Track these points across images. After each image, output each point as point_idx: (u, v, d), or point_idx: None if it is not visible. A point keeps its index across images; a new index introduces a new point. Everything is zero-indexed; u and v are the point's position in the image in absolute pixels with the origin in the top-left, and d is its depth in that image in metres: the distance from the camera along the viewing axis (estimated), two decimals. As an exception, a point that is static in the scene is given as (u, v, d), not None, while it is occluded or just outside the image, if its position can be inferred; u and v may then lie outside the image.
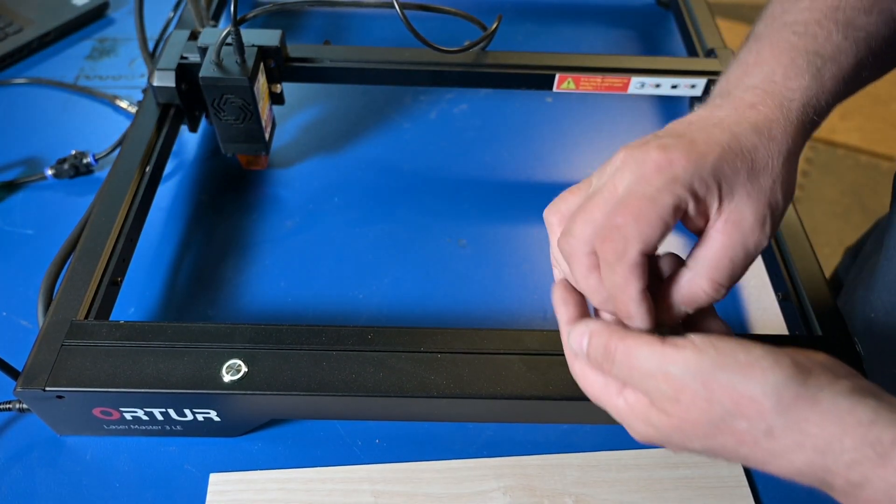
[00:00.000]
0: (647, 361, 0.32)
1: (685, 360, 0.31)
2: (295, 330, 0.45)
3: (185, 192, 0.64)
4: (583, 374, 0.36)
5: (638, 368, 0.32)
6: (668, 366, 0.31)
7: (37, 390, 0.41)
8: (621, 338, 0.33)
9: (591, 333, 0.34)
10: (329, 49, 0.63)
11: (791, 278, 0.52)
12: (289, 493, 0.44)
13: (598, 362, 0.34)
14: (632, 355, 0.32)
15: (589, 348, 0.34)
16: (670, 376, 0.31)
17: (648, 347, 0.32)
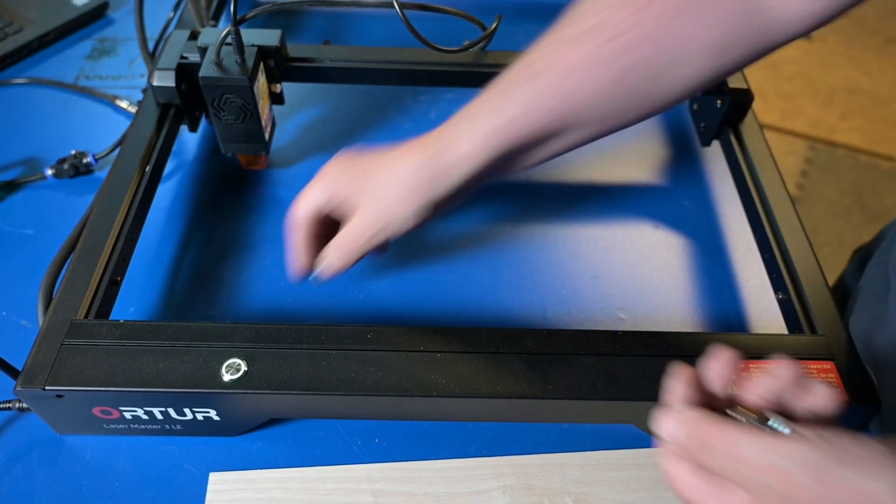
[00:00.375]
0: (755, 453, 0.29)
1: (799, 453, 0.29)
2: (295, 329, 0.45)
3: (185, 192, 0.64)
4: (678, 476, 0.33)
5: (744, 461, 0.30)
6: (778, 458, 0.29)
7: (37, 389, 0.41)
8: (720, 426, 0.31)
9: (687, 421, 0.32)
10: (329, 49, 0.63)
11: (791, 278, 0.52)
12: (288, 492, 0.44)
13: (694, 454, 0.32)
14: (735, 445, 0.30)
15: (686, 438, 0.32)
16: (781, 470, 0.29)
17: (754, 437, 0.30)
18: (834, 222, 1.78)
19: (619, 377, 0.43)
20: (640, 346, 0.45)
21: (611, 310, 0.56)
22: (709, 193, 0.66)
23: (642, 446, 0.47)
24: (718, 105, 0.63)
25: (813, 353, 0.45)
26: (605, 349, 0.45)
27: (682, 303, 0.57)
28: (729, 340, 0.45)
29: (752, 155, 0.60)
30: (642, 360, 0.44)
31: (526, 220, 0.62)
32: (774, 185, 0.58)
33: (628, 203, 0.64)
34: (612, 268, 0.59)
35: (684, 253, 0.61)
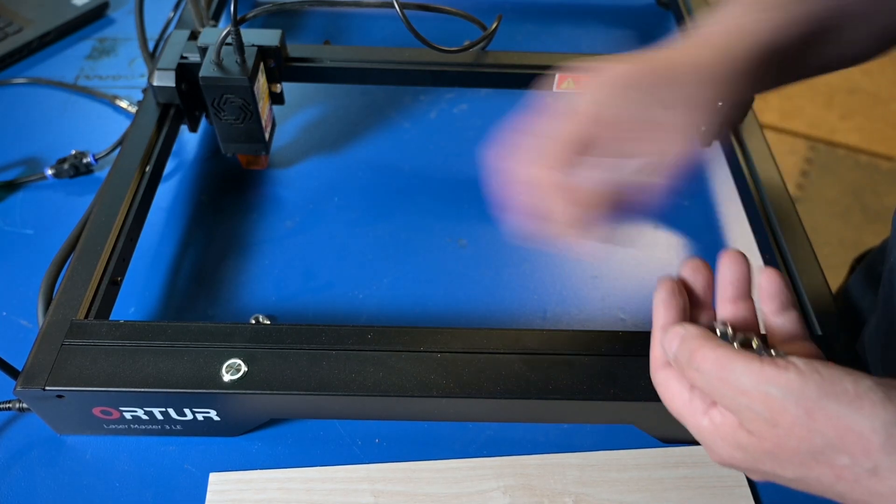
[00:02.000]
0: (744, 377, 0.30)
1: (788, 381, 0.29)
2: (295, 329, 0.45)
3: (185, 192, 0.64)
4: (666, 385, 0.35)
5: (731, 383, 0.30)
6: (767, 385, 0.29)
7: (37, 390, 0.41)
8: (714, 347, 0.31)
9: (683, 337, 0.33)
10: (329, 49, 0.63)
11: (791, 278, 0.52)
12: (288, 492, 0.44)
13: (681, 366, 0.33)
14: (725, 367, 0.31)
15: (677, 350, 0.33)
16: (769, 397, 0.29)
17: (745, 362, 0.30)
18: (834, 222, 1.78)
19: (619, 377, 0.43)
20: (640, 346, 0.45)
21: (611, 310, 0.56)
22: (709, 193, 0.66)
23: (642, 446, 0.47)
24: (718, 105, 0.62)
25: (813, 353, 0.45)
26: (605, 349, 0.45)
27: (682, 303, 0.57)
28: (729, 341, 0.45)
29: (752, 155, 0.60)
30: (642, 360, 0.44)
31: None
32: (774, 185, 0.58)
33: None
34: (612, 268, 0.59)
35: (684, 253, 0.61)
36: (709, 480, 0.46)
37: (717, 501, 0.45)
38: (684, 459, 0.47)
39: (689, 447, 0.47)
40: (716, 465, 0.46)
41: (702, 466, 0.46)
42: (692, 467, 0.46)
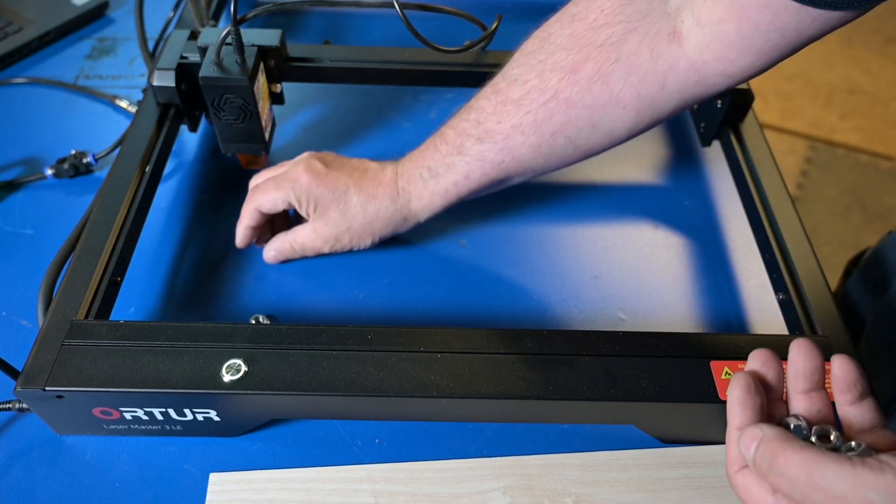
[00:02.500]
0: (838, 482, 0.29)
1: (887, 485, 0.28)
2: (295, 330, 0.45)
3: (185, 192, 0.64)
4: (746, 488, 0.34)
5: (823, 489, 0.29)
6: (866, 491, 0.28)
7: (37, 390, 0.41)
8: (798, 449, 0.30)
9: (761, 439, 0.32)
10: (329, 49, 0.63)
11: (791, 278, 0.52)
12: (289, 492, 0.44)
13: (762, 470, 0.32)
14: (814, 472, 0.29)
15: (755, 454, 0.32)
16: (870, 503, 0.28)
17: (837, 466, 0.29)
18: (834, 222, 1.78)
19: (619, 377, 0.43)
20: (640, 346, 0.45)
21: (611, 310, 0.56)
22: (709, 193, 0.66)
23: (642, 447, 0.47)
24: (718, 105, 0.63)
25: (813, 353, 0.45)
26: (605, 349, 0.45)
27: (682, 303, 0.57)
28: (729, 340, 0.45)
29: (752, 155, 0.60)
30: (642, 360, 0.44)
31: (526, 220, 0.62)
32: (774, 185, 0.58)
33: (628, 203, 0.64)
34: (612, 268, 0.59)
35: (684, 253, 0.61)
36: (709, 480, 0.46)
37: (718, 501, 0.45)
38: (684, 459, 0.47)
39: (689, 447, 0.47)
40: (717, 466, 0.46)
41: (702, 466, 0.46)
42: (692, 467, 0.46)
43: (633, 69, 0.42)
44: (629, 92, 0.43)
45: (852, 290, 0.67)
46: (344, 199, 0.51)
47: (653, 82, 0.42)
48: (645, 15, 0.41)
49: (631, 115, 0.44)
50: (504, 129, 0.47)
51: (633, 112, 0.44)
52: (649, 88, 0.43)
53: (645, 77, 0.42)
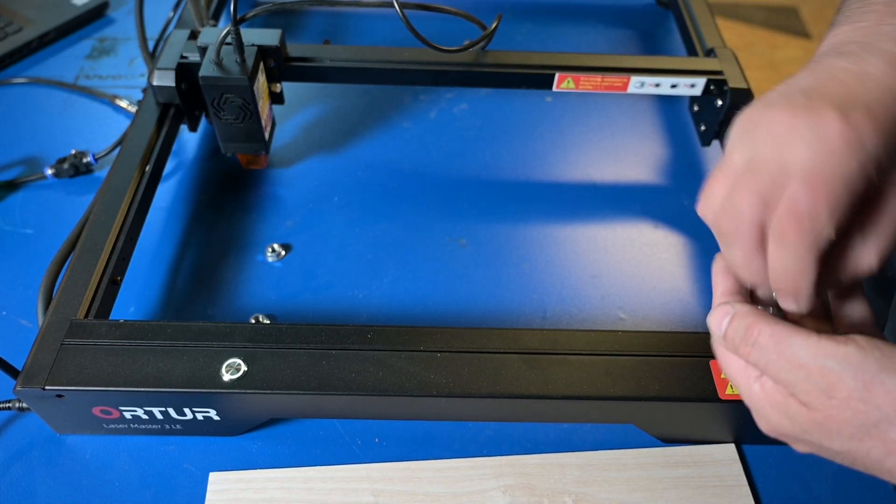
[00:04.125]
0: (802, 351, 0.30)
1: (847, 355, 0.29)
2: (294, 329, 0.45)
3: (184, 192, 0.64)
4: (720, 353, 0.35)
5: (787, 357, 0.30)
6: (825, 359, 0.29)
7: (36, 389, 0.41)
8: (769, 323, 0.32)
9: (734, 314, 0.33)
10: (329, 49, 0.63)
11: (791, 278, 0.52)
12: (288, 492, 0.44)
13: (734, 344, 0.33)
14: (782, 342, 0.31)
15: (728, 329, 0.33)
16: (827, 370, 0.29)
17: (803, 337, 0.30)
18: (834, 222, 1.78)
19: (619, 377, 0.43)
20: (640, 346, 0.45)
21: (611, 310, 0.56)
22: (709, 193, 0.66)
23: (642, 446, 0.47)
24: (718, 105, 0.63)
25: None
26: (605, 349, 0.45)
27: (682, 303, 0.57)
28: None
29: (752, 155, 0.60)
30: (642, 360, 0.44)
31: (526, 220, 0.62)
32: (774, 184, 0.57)
33: (628, 203, 0.64)
34: (612, 268, 0.59)
35: (684, 253, 0.61)
36: (709, 480, 0.46)
37: (717, 501, 0.45)
38: (684, 459, 0.47)
39: (689, 447, 0.47)
40: (716, 465, 0.46)
41: (702, 466, 0.46)
42: (692, 467, 0.46)
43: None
44: None
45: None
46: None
47: None
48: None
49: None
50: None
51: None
52: None
53: None
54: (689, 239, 0.62)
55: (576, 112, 0.73)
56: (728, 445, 0.47)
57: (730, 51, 0.66)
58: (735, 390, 0.41)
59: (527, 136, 0.70)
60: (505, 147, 0.69)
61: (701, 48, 0.69)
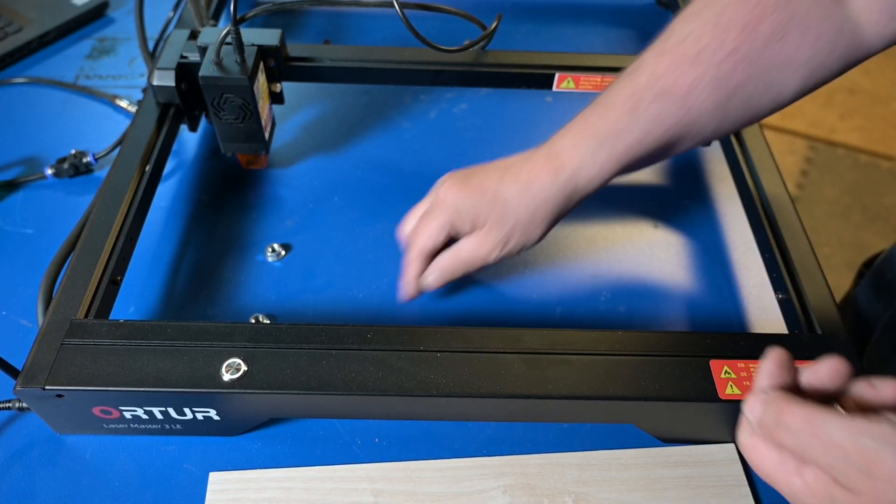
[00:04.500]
0: (837, 431, 0.30)
1: (882, 433, 0.29)
2: (294, 329, 0.45)
3: (184, 192, 0.64)
4: (753, 447, 0.35)
5: (823, 438, 0.30)
6: (861, 437, 0.29)
7: (36, 389, 0.41)
8: (801, 405, 0.32)
9: (766, 400, 0.34)
10: (329, 49, 0.63)
11: (791, 278, 0.52)
12: (288, 491, 0.44)
13: (769, 430, 0.33)
14: (816, 424, 0.31)
15: (763, 415, 0.33)
16: (864, 449, 0.29)
17: (837, 417, 0.30)
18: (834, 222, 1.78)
19: (619, 377, 0.43)
20: (640, 346, 0.45)
21: (611, 310, 0.56)
22: (709, 193, 0.66)
23: (642, 446, 0.47)
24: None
25: (813, 352, 0.45)
26: (605, 349, 0.45)
27: (682, 303, 0.57)
28: (729, 340, 0.45)
29: (752, 155, 0.60)
30: (642, 360, 0.44)
31: (526, 220, 0.62)
32: (774, 185, 0.58)
33: (628, 203, 0.64)
34: (612, 268, 0.59)
35: (684, 253, 0.61)
36: (709, 480, 0.46)
37: (717, 501, 0.45)
38: (684, 459, 0.47)
39: (688, 447, 0.47)
40: (716, 465, 0.46)
41: (702, 466, 0.46)
42: (692, 467, 0.46)
43: (808, 30, 0.42)
44: (803, 53, 0.42)
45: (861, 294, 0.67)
46: (498, 197, 0.46)
47: (824, 45, 0.42)
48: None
49: (800, 78, 0.44)
50: (684, 86, 0.44)
51: (804, 75, 0.43)
52: (821, 51, 0.42)
53: (818, 39, 0.42)
54: (689, 239, 0.62)
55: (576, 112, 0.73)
56: (728, 445, 0.47)
57: (730, 51, 0.66)
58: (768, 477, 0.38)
59: (527, 136, 0.70)
60: (505, 147, 0.69)
61: (701, 48, 0.69)
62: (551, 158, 0.46)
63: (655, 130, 0.45)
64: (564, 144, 0.47)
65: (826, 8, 0.42)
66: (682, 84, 0.44)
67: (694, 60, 0.43)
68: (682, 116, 0.44)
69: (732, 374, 0.43)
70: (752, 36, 0.42)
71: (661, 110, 0.44)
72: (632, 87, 0.45)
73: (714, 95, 0.44)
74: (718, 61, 0.43)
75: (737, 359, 0.44)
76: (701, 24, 0.44)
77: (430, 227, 0.48)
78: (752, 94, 0.44)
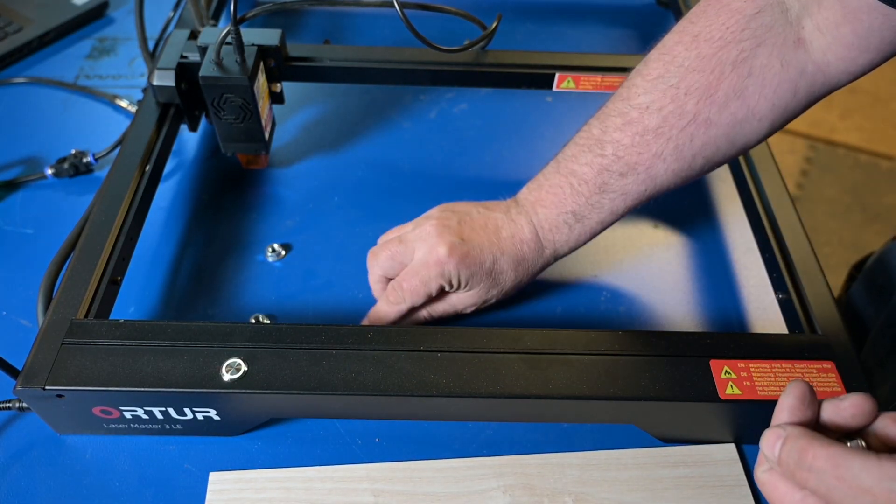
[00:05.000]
0: (863, 474, 0.29)
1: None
2: (294, 329, 0.45)
3: (184, 192, 0.64)
4: (772, 484, 0.34)
5: (850, 482, 0.29)
6: (890, 482, 0.29)
7: (37, 389, 0.41)
8: (824, 445, 0.31)
9: (787, 437, 0.32)
10: (329, 48, 0.63)
11: (791, 278, 0.52)
12: (288, 492, 0.44)
13: (790, 469, 0.32)
14: (841, 465, 0.30)
15: (782, 452, 0.32)
16: (893, 493, 0.28)
17: (863, 459, 0.30)
18: (834, 222, 1.78)
19: (619, 377, 0.43)
20: (640, 346, 0.45)
21: (611, 310, 0.56)
22: (709, 193, 0.66)
23: (642, 446, 0.47)
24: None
25: (813, 353, 0.45)
26: (605, 349, 0.45)
27: (682, 303, 0.57)
28: (729, 340, 0.45)
29: (751, 155, 0.60)
30: (642, 360, 0.44)
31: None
32: (774, 185, 0.58)
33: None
34: (612, 268, 0.59)
35: (684, 253, 0.61)
36: (709, 480, 0.46)
37: (717, 501, 0.45)
38: (684, 459, 0.47)
39: (688, 447, 0.47)
40: (716, 465, 0.46)
41: (702, 466, 0.46)
42: (692, 467, 0.46)
43: (766, 82, 0.43)
44: (764, 104, 0.44)
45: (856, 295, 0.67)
46: (494, 269, 0.50)
47: (786, 91, 0.43)
48: (769, 27, 0.42)
49: (766, 126, 0.45)
50: (646, 160, 0.46)
51: (768, 123, 0.45)
52: (783, 97, 0.44)
53: (778, 87, 0.43)
54: (689, 239, 0.62)
55: (576, 112, 0.73)
56: (728, 445, 0.47)
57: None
58: None
59: (527, 136, 0.70)
60: (505, 147, 0.69)
61: (701, 48, 0.69)
62: (536, 233, 0.50)
63: (623, 203, 0.48)
64: (547, 217, 0.50)
65: (785, 55, 0.43)
66: (644, 158, 0.46)
67: (656, 132, 0.46)
68: (646, 187, 0.47)
69: (732, 374, 0.43)
70: (711, 100, 0.44)
71: (627, 185, 0.47)
72: (600, 161, 0.48)
73: (677, 163, 0.46)
74: (679, 129, 0.45)
75: (737, 359, 0.44)
76: (660, 93, 0.45)
77: (425, 283, 0.49)
78: (717, 150, 0.46)
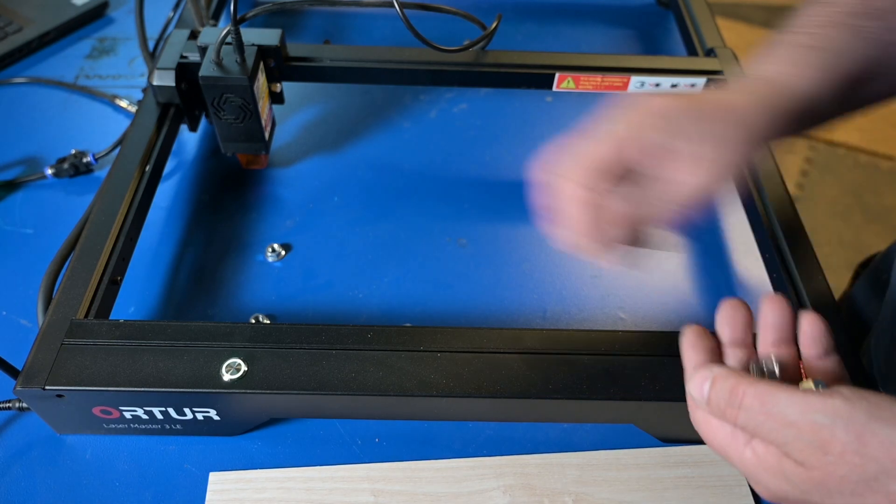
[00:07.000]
0: (789, 408, 0.30)
1: (835, 408, 0.29)
2: (294, 329, 0.45)
3: (184, 192, 0.64)
4: (705, 422, 0.35)
5: (775, 415, 0.30)
6: (814, 414, 0.29)
7: (36, 389, 0.41)
8: (751, 383, 0.32)
9: (714, 378, 0.33)
10: (329, 48, 0.63)
11: (791, 278, 0.52)
12: (288, 492, 0.44)
13: (720, 408, 0.33)
14: (766, 401, 0.31)
15: (711, 393, 0.33)
16: (817, 425, 0.29)
17: (789, 394, 0.30)
18: (834, 222, 1.78)
19: (619, 377, 0.43)
20: (640, 346, 0.45)
21: (611, 310, 0.56)
22: (709, 193, 0.66)
23: (642, 446, 0.47)
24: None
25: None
26: (605, 349, 0.45)
27: (682, 303, 0.57)
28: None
29: (752, 155, 0.60)
30: (642, 360, 0.44)
31: (526, 220, 0.62)
32: (774, 185, 0.58)
33: (628, 203, 0.64)
34: (612, 268, 0.59)
35: (684, 253, 0.61)
36: (708, 480, 0.46)
37: (717, 501, 0.45)
38: (684, 459, 0.47)
39: (688, 447, 0.47)
40: (716, 465, 0.46)
41: (702, 466, 0.46)
42: (692, 467, 0.46)
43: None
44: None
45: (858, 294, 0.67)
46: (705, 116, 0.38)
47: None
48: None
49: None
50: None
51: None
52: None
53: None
54: (689, 239, 0.62)
55: (576, 112, 0.73)
56: (728, 445, 0.47)
57: (730, 51, 0.66)
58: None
59: (527, 136, 0.70)
60: (505, 147, 0.69)
61: (701, 48, 0.69)
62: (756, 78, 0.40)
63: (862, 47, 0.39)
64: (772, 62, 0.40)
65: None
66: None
67: None
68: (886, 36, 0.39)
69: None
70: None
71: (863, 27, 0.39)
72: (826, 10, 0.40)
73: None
74: None
75: (737, 359, 0.44)
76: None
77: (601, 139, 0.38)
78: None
